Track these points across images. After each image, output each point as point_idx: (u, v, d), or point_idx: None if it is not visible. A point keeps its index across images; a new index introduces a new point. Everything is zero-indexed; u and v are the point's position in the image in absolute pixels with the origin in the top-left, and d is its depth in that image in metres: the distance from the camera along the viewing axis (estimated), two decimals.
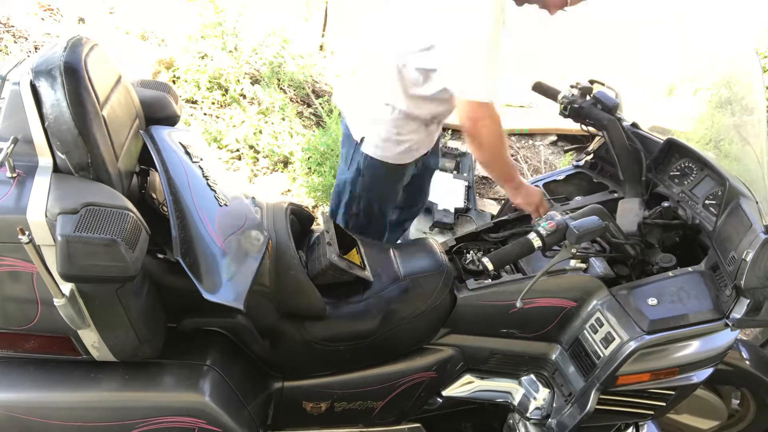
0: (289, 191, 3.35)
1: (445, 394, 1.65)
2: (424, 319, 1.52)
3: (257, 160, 3.49)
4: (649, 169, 1.75)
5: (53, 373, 1.23)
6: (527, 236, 1.31)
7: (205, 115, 3.71)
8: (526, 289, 1.33)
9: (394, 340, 1.51)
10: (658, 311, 1.41)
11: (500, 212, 2.12)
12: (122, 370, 1.26)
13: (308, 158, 3.29)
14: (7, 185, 1.05)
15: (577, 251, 1.33)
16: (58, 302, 1.05)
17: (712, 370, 1.50)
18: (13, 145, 1.05)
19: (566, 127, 4.12)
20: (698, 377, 1.50)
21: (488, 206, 3.42)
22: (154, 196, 1.37)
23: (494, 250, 1.64)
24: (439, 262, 1.58)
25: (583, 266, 1.50)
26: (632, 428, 1.73)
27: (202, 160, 1.37)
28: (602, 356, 1.45)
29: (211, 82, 3.80)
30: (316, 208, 3.20)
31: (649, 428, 1.75)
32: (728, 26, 1.85)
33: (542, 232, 1.30)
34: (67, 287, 1.06)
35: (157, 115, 1.45)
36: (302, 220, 1.66)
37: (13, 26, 3.80)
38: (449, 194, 3.13)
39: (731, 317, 1.36)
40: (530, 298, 1.44)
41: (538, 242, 1.30)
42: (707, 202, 1.61)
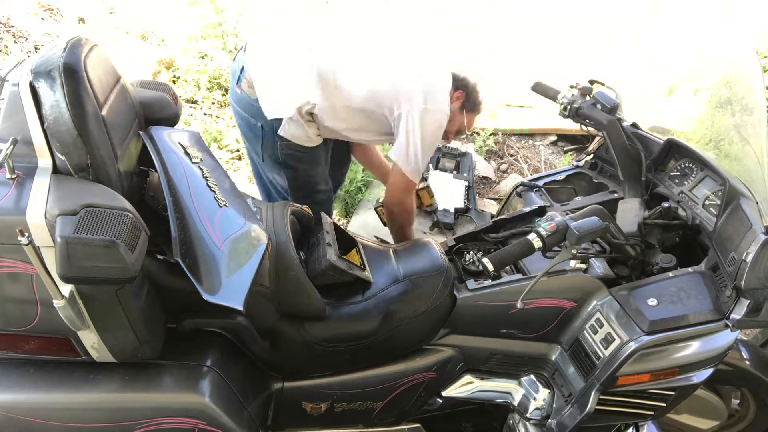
0: None
1: (445, 394, 1.65)
2: (424, 319, 1.52)
3: None
4: (649, 169, 1.75)
5: (53, 374, 1.23)
6: (527, 237, 1.31)
7: (205, 115, 3.71)
8: (526, 290, 1.33)
9: (393, 340, 1.51)
10: (658, 312, 1.41)
11: (500, 212, 2.12)
12: (122, 371, 1.26)
13: None
14: (6, 186, 1.05)
15: (577, 252, 1.33)
16: (57, 303, 1.05)
17: (712, 370, 1.50)
18: (12, 146, 1.05)
19: (566, 127, 4.11)
20: (698, 378, 1.49)
21: (488, 206, 3.42)
22: (153, 196, 1.37)
23: (494, 250, 1.64)
24: (438, 262, 1.58)
25: (583, 267, 1.50)
26: (632, 428, 1.72)
27: (201, 160, 1.37)
28: (602, 357, 1.45)
29: (211, 82, 3.80)
30: None
31: (649, 428, 1.75)
32: (728, 26, 1.84)
33: (542, 232, 1.30)
34: (66, 288, 1.06)
35: (156, 115, 1.45)
36: (302, 220, 1.66)
37: (13, 26, 3.81)
38: (449, 194, 3.11)
39: (731, 318, 1.36)
40: (530, 298, 1.44)
41: (538, 243, 1.30)
42: (707, 202, 1.61)
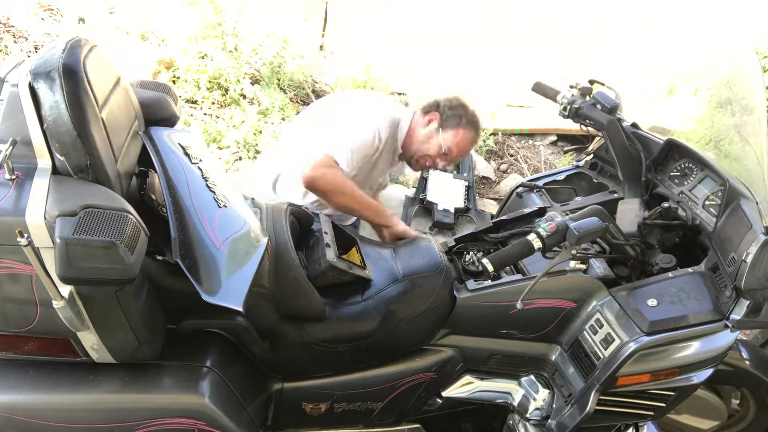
0: None
1: (444, 394, 1.65)
2: (423, 319, 1.52)
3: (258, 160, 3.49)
4: (649, 169, 1.74)
5: (52, 374, 1.23)
6: (527, 237, 1.31)
7: (205, 115, 3.71)
8: (526, 290, 1.33)
9: (393, 340, 1.51)
10: (657, 312, 1.41)
11: (500, 212, 2.12)
12: (121, 371, 1.25)
13: None
14: (5, 187, 1.04)
15: (577, 252, 1.33)
16: (57, 304, 1.05)
17: (712, 370, 1.50)
18: (11, 147, 1.05)
19: (566, 127, 4.10)
20: (698, 378, 1.49)
21: (488, 206, 3.42)
22: (153, 197, 1.37)
23: (494, 250, 1.64)
24: (438, 262, 1.58)
25: (582, 267, 1.50)
26: (632, 429, 1.72)
27: (201, 161, 1.37)
28: (602, 357, 1.45)
29: (211, 82, 3.79)
30: None
31: (649, 429, 1.75)
32: (728, 26, 1.84)
33: (542, 233, 1.30)
34: (66, 289, 1.06)
35: (156, 116, 1.45)
36: (301, 221, 1.66)
37: (13, 26, 3.80)
38: (449, 194, 3.11)
39: (731, 318, 1.36)
40: (530, 299, 1.44)
41: (538, 243, 1.30)
42: (707, 202, 1.61)
